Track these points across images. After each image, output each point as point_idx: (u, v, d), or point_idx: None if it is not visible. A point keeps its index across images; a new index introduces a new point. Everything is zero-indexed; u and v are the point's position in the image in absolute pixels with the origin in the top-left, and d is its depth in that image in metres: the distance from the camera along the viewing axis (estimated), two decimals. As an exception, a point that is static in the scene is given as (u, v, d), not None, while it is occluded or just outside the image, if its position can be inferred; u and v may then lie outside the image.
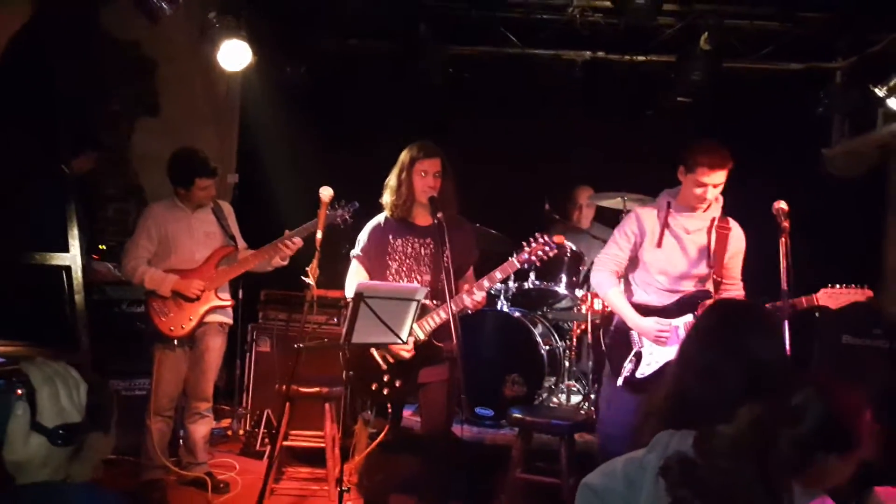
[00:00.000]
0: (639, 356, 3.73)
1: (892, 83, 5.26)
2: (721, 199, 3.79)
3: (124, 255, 4.47)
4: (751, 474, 1.56)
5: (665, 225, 3.78)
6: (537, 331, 5.51)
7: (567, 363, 5.77)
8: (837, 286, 3.58)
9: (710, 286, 3.77)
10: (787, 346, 3.29)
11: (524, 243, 3.75)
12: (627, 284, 3.94)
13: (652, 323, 3.69)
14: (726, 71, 6.13)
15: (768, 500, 1.54)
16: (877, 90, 5.34)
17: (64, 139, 4.56)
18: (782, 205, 3.59)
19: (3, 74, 4.35)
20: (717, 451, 1.61)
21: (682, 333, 3.65)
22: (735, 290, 3.83)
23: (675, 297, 3.77)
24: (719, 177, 3.63)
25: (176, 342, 4.37)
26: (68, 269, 4.16)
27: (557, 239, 3.81)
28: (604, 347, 3.97)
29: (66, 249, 4.14)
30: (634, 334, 3.78)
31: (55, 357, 1.35)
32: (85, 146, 5.29)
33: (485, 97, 6.78)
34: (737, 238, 3.82)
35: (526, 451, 4.26)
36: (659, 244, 3.76)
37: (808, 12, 5.94)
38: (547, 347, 5.45)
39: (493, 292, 5.69)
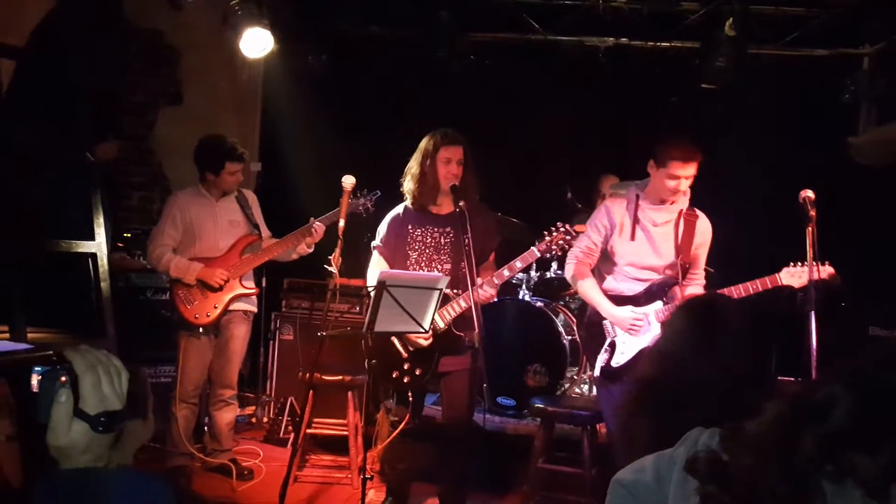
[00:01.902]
0: (613, 346, 3.79)
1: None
2: (688, 192, 3.83)
3: (150, 242, 4.51)
4: (777, 472, 1.54)
5: (635, 218, 3.82)
6: (559, 320, 5.49)
7: (589, 353, 5.75)
8: (798, 265, 3.59)
9: (674, 272, 3.80)
10: (814, 338, 3.28)
11: (545, 232, 3.74)
12: (597, 274, 3.98)
13: (627, 313, 3.74)
14: (751, 57, 6.06)
15: (797, 497, 1.51)
16: (906, 77, 5.26)
17: (87, 127, 4.60)
18: (809, 193, 3.57)
19: (28, 62, 4.38)
20: (742, 448, 1.59)
21: (652, 320, 3.72)
22: (697, 280, 3.90)
23: (643, 284, 3.81)
24: (692, 169, 3.68)
25: (201, 330, 4.40)
26: (94, 256, 4.20)
27: (579, 228, 3.81)
28: (579, 340, 3.99)
29: (91, 237, 4.17)
30: (607, 324, 3.83)
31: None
32: (107, 134, 5.33)
33: (506, 84, 6.74)
34: (703, 228, 3.87)
35: (548, 441, 4.26)
36: (632, 237, 3.81)
37: (835, -3, 5.86)
38: (569, 337, 5.42)
39: (514, 281, 5.69)
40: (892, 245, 5.70)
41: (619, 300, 3.81)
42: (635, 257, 3.82)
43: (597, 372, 3.84)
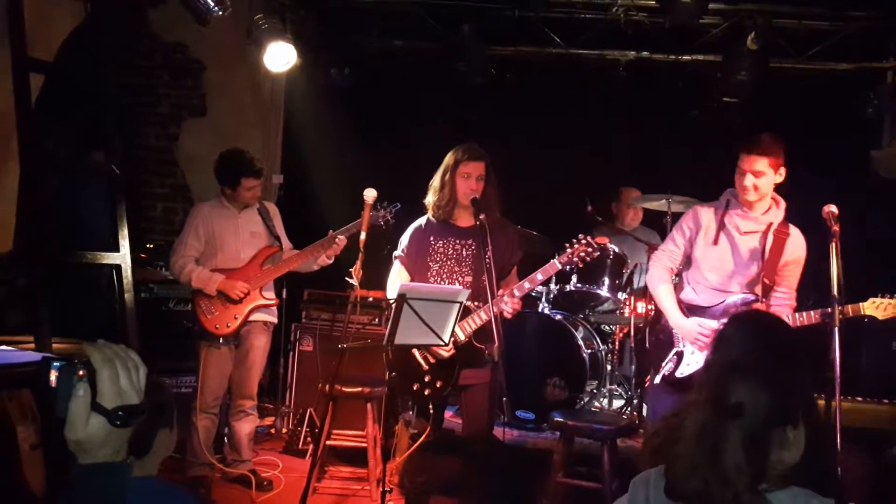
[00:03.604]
0: (680, 355, 3.71)
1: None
2: (782, 203, 3.73)
3: (172, 253, 4.56)
4: (719, 483, 1.56)
5: (721, 223, 3.75)
6: (579, 334, 5.47)
7: (609, 367, 5.73)
8: (886, 297, 3.46)
9: (758, 290, 3.68)
10: (838, 354, 3.24)
11: (566, 244, 3.72)
12: (681, 281, 3.93)
13: (693, 325, 3.65)
14: (773, 71, 6.04)
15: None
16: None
17: (114, 140, 4.66)
18: (832, 209, 3.52)
19: (57, 76, 4.45)
20: (686, 478, 1.61)
21: None
22: (785, 300, 3.72)
23: (723, 296, 3.73)
24: (756, 163, 3.56)
25: (221, 340, 4.43)
26: (118, 268, 4.24)
27: (601, 240, 3.78)
28: (648, 345, 3.94)
29: (116, 249, 4.21)
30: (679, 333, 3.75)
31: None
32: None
33: (528, 97, 6.75)
34: (795, 245, 3.69)
35: (567, 455, 4.24)
36: (715, 241, 3.73)
37: (858, 11, 5.82)
38: (589, 351, 5.41)
39: (534, 294, 5.67)
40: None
41: (692, 310, 3.73)
42: (716, 262, 3.74)
43: (657, 379, 3.74)
